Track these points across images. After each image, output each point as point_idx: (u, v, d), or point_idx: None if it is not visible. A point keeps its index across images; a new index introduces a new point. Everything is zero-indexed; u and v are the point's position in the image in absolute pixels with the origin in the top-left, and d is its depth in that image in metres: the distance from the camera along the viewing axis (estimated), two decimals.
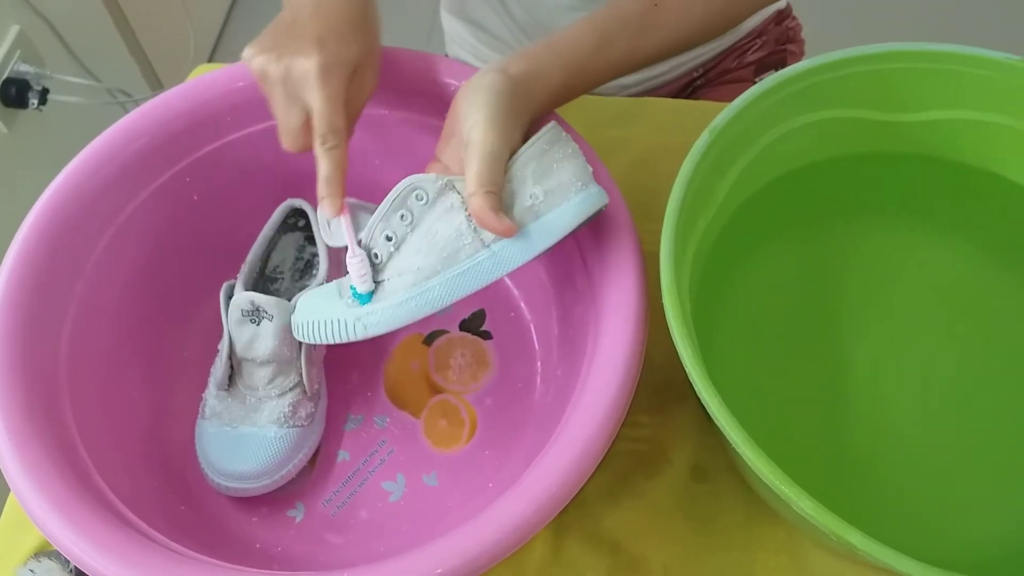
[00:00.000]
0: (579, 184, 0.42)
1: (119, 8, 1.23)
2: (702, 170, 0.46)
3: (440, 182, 0.43)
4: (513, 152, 0.43)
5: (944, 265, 0.54)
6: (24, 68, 1.02)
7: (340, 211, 0.44)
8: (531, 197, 0.42)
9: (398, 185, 0.43)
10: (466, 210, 0.42)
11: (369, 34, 0.47)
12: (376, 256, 0.44)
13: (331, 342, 0.45)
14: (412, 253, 0.43)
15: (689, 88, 0.79)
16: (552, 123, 0.44)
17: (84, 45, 1.16)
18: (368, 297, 0.43)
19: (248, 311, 0.50)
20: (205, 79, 0.54)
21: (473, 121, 0.42)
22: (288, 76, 0.44)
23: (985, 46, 0.50)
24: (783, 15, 0.79)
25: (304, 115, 0.44)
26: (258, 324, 0.50)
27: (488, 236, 0.42)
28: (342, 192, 0.44)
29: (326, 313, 0.45)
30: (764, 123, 0.50)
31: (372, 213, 0.44)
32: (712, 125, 0.47)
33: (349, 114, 0.45)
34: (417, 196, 0.43)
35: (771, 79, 0.49)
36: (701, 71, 0.78)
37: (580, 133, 0.51)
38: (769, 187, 0.54)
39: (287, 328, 0.50)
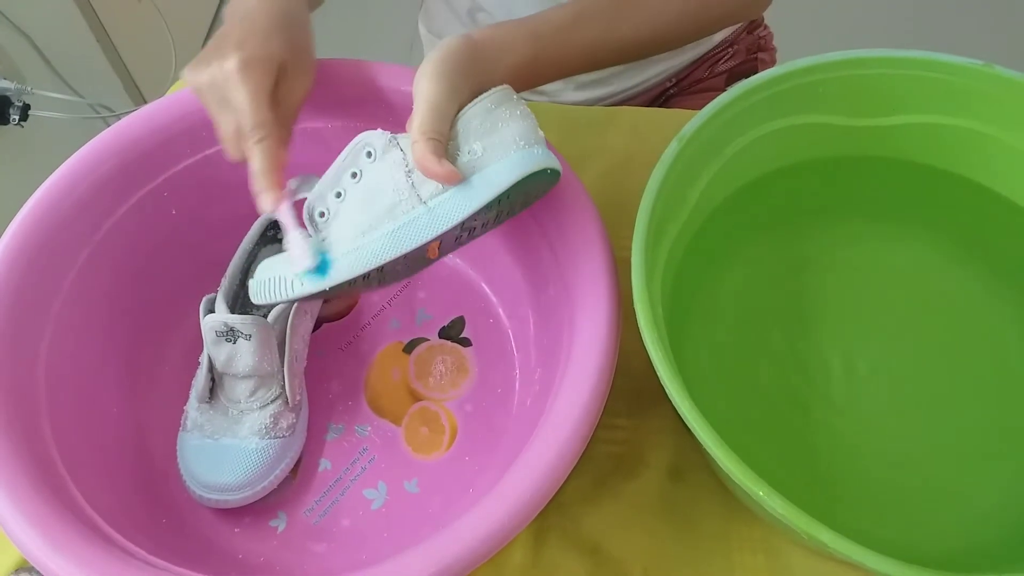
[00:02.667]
0: (521, 143, 0.42)
1: (100, 23, 1.23)
2: (672, 178, 0.47)
3: (385, 138, 0.43)
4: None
5: (913, 265, 0.55)
6: (4, 84, 1.02)
7: (277, 205, 0.43)
8: (469, 152, 0.41)
9: (351, 143, 0.43)
10: (406, 167, 0.42)
11: (294, 32, 0.47)
12: (322, 214, 0.43)
13: (275, 300, 0.44)
14: (354, 210, 0.42)
15: (663, 97, 0.80)
16: (504, 85, 0.43)
17: (65, 60, 1.16)
18: (317, 272, 0.42)
19: (222, 332, 0.51)
20: (180, 94, 0.54)
21: (421, 74, 0.43)
22: (213, 82, 0.44)
23: (953, 51, 0.51)
24: (754, 24, 0.80)
25: (236, 119, 0.44)
26: (234, 343, 0.51)
27: (425, 192, 0.41)
28: (276, 185, 0.43)
29: (271, 272, 0.44)
30: (732, 130, 0.51)
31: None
32: (681, 133, 0.48)
33: (283, 114, 0.45)
34: (367, 154, 0.43)
35: (738, 87, 0.50)
36: (674, 80, 0.79)
37: (555, 142, 0.51)
38: (740, 192, 0.55)
39: (266, 344, 0.51)
